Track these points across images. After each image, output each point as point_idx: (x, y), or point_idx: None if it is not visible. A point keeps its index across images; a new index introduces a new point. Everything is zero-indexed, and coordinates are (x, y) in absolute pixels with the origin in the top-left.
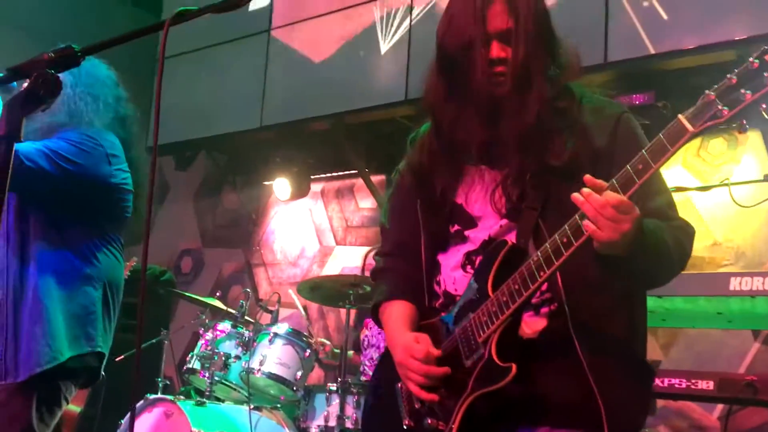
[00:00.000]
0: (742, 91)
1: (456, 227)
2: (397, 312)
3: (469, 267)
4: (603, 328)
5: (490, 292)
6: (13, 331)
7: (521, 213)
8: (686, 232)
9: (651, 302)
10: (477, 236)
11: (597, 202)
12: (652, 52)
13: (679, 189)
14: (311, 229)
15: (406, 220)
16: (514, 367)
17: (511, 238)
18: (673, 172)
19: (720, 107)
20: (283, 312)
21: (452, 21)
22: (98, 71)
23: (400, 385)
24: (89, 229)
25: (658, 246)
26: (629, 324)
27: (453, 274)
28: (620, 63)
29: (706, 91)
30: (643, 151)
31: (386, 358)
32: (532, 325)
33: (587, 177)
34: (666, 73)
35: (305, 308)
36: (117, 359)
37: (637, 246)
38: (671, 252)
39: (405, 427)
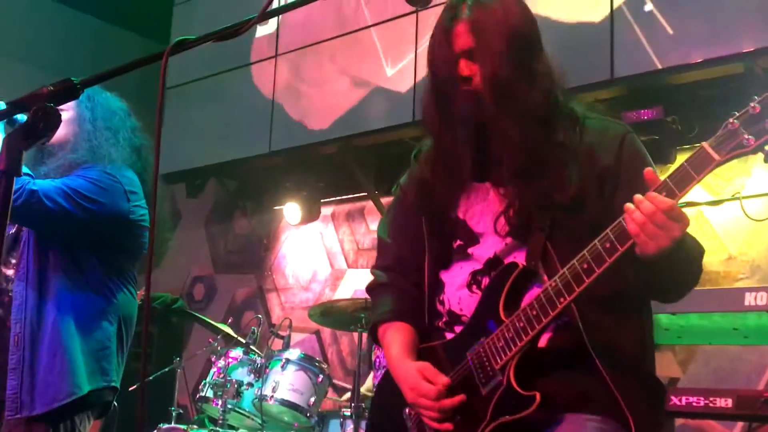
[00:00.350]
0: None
1: (458, 242)
2: (397, 337)
3: (475, 287)
4: (613, 341)
5: (503, 317)
6: (29, 365)
7: (530, 234)
8: (699, 251)
9: (666, 320)
10: (481, 254)
11: (648, 210)
12: (659, 66)
13: (690, 204)
14: (322, 252)
15: (408, 235)
16: (538, 396)
17: (519, 258)
18: None
19: (746, 137)
20: (296, 337)
21: (431, 44)
22: (112, 104)
23: (408, 411)
24: (107, 264)
25: (688, 254)
26: (639, 339)
27: (458, 293)
28: (627, 78)
29: (730, 119)
30: (667, 179)
31: (388, 381)
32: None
33: (648, 170)
34: (674, 87)
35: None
36: (130, 389)
37: (678, 251)
38: (694, 264)
39: None
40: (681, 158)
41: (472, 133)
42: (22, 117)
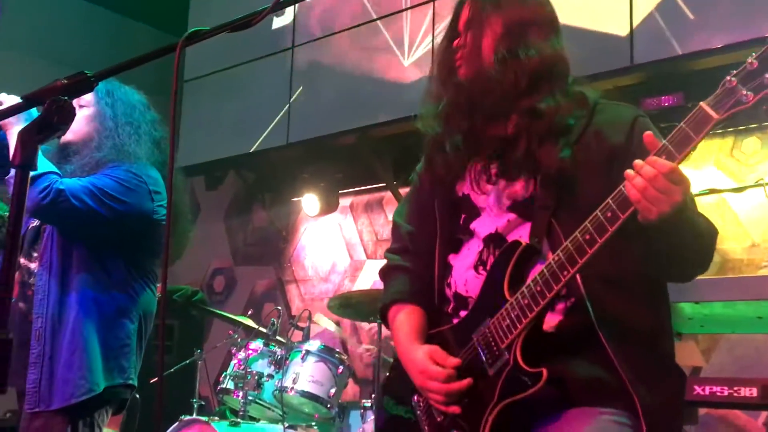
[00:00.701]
0: (767, 75)
1: (463, 217)
2: (407, 320)
3: (481, 268)
4: (625, 324)
5: (507, 296)
6: (49, 359)
7: (533, 212)
8: (711, 227)
9: (689, 309)
10: (482, 229)
11: (648, 174)
12: (680, 52)
13: (713, 191)
14: (341, 243)
15: (421, 220)
16: (545, 372)
17: (522, 234)
18: (706, 173)
19: (744, 93)
20: (316, 328)
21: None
22: (132, 98)
23: (416, 398)
24: (130, 263)
25: (694, 225)
26: (654, 324)
27: (465, 275)
28: (647, 65)
29: (727, 77)
30: (665, 141)
31: (397, 368)
32: (547, 320)
33: (647, 133)
34: (695, 73)
35: (338, 323)
36: (151, 381)
37: (681, 218)
38: (704, 236)
39: None
40: (702, 145)
41: (462, 105)
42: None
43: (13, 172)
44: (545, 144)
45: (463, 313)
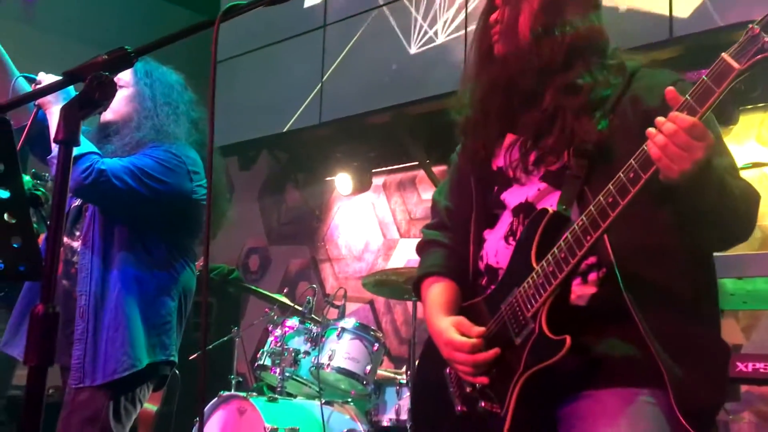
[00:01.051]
0: None
1: (495, 189)
2: (437, 293)
3: (511, 239)
4: (657, 295)
5: (534, 264)
6: (93, 336)
7: (564, 180)
8: (750, 192)
9: (731, 284)
10: (512, 199)
11: (669, 130)
12: (720, 24)
13: (756, 164)
14: (374, 222)
15: (458, 196)
16: (568, 339)
17: (552, 203)
18: (748, 147)
19: (767, 39)
20: (350, 307)
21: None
22: (169, 78)
23: (448, 370)
24: (170, 242)
25: (724, 185)
26: (691, 294)
27: (496, 246)
28: (686, 38)
29: (750, 25)
30: (687, 96)
31: (430, 342)
32: (580, 292)
33: (669, 89)
34: None
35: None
36: (190, 358)
37: (706, 178)
38: (737, 200)
39: (458, 412)
40: (744, 119)
41: (500, 84)
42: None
43: (54, 151)
44: (581, 118)
45: (494, 285)
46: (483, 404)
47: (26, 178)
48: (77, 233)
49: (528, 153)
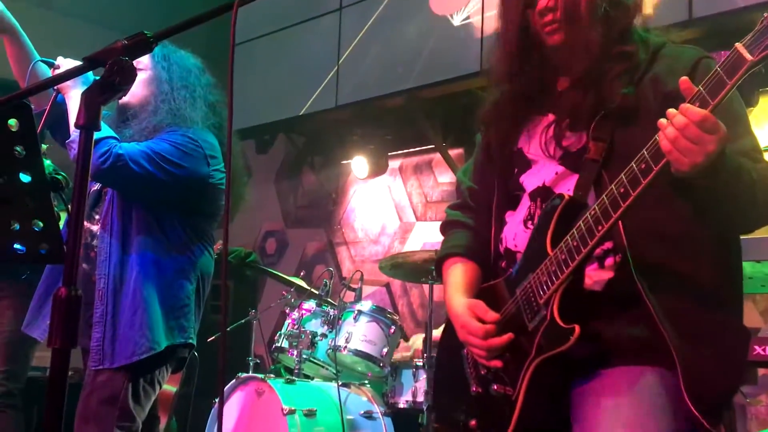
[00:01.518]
0: None
1: (515, 170)
2: (458, 273)
3: (529, 223)
4: (676, 280)
5: (549, 250)
6: (112, 318)
7: (582, 164)
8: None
9: (749, 267)
10: (530, 181)
11: (680, 123)
12: (741, 5)
13: None
14: (391, 206)
15: (482, 176)
16: (577, 328)
17: (570, 187)
18: None
19: None
20: (366, 290)
21: None
22: (187, 62)
23: (465, 351)
24: (187, 225)
25: (740, 173)
26: (713, 279)
27: (515, 229)
28: (706, 19)
29: (765, 14)
30: (699, 87)
31: (450, 324)
32: (596, 277)
33: (683, 79)
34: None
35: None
36: (208, 340)
37: (719, 169)
38: (755, 186)
39: (472, 393)
40: (764, 100)
41: (539, 63)
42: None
43: (73, 135)
44: (610, 84)
45: (511, 270)
46: (496, 387)
47: (47, 162)
48: (96, 217)
49: (547, 131)
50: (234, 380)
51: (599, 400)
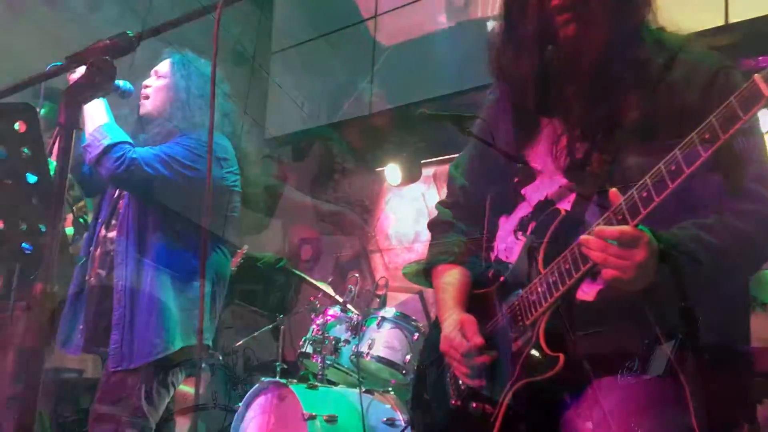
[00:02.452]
0: None
1: (516, 180)
2: (451, 282)
3: (520, 233)
4: (675, 296)
5: (541, 268)
6: (129, 321)
7: (584, 178)
8: (745, 233)
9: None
10: (533, 195)
11: (597, 244)
12: None
13: None
14: (424, 213)
15: (477, 175)
16: (561, 357)
17: (570, 200)
18: None
19: None
20: (399, 297)
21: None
22: (205, 70)
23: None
24: (201, 227)
25: (701, 240)
26: (713, 305)
27: (506, 239)
28: (743, 23)
29: None
30: (712, 117)
31: (436, 333)
32: (587, 288)
33: (612, 191)
34: None
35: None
36: (236, 344)
37: (671, 262)
38: (741, 233)
39: (452, 406)
40: None
41: (544, 64)
42: (125, 84)
43: (87, 139)
44: (624, 97)
45: (502, 279)
46: (474, 405)
47: (52, 163)
48: (114, 222)
49: (557, 141)
50: (257, 384)
51: (594, 404)
